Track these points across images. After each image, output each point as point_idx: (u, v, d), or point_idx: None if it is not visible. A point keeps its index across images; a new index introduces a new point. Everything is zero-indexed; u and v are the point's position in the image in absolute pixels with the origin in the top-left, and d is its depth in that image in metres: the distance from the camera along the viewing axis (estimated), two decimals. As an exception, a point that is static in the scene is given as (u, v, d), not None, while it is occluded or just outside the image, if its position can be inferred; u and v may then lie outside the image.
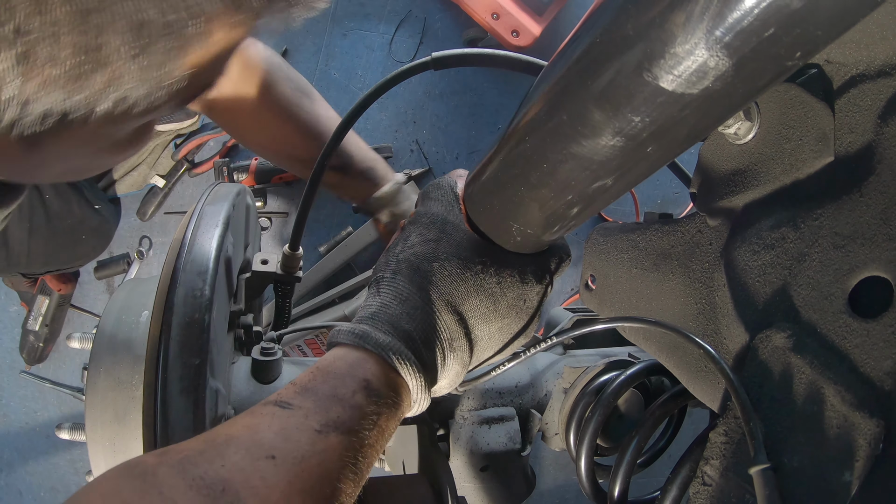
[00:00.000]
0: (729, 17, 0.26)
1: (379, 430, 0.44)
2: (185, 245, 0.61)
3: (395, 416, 0.47)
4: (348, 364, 0.46)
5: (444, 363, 0.50)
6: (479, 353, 0.53)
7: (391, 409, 0.46)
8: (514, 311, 0.52)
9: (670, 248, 0.57)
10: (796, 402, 0.40)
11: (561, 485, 1.65)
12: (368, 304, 0.51)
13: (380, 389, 0.45)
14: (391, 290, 0.50)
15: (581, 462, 0.65)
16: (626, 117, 0.33)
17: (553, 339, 0.59)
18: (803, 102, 0.44)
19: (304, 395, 0.43)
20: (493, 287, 0.51)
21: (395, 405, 0.46)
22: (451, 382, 0.52)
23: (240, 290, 0.80)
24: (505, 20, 1.43)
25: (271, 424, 0.41)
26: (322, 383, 0.44)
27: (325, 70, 1.56)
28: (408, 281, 0.50)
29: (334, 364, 0.46)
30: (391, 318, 0.48)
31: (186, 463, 0.37)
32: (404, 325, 0.48)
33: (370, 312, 0.49)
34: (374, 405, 0.44)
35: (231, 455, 0.38)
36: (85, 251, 1.40)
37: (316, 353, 1.43)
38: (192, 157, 1.54)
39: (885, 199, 0.38)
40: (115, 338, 0.69)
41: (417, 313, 0.49)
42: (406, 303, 0.49)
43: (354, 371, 0.45)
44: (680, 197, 1.65)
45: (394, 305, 0.49)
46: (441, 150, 1.58)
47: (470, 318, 0.51)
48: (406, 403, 0.48)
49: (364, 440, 0.43)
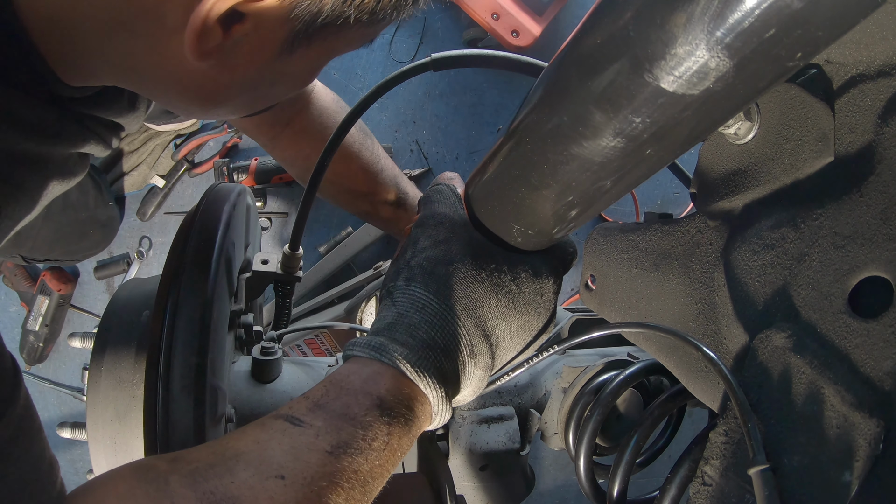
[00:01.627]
0: (730, 18, 0.26)
1: (390, 451, 0.44)
2: (186, 245, 0.61)
3: (410, 434, 0.45)
4: (362, 379, 0.45)
5: (465, 371, 0.48)
6: (501, 354, 0.52)
7: (405, 428, 0.45)
8: (532, 306, 0.51)
9: (670, 248, 0.57)
10: (796, 403, 0.40)
11: (561, 485, 1.65)
12: (384, 315, 0.49)
13: (394, 407, 0.44)
14: (407, 299, 0.48)
15: (580, 461, 0.65)
16: (627, 118, 0.33)
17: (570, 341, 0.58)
18: (803, 102, 0.44)
19: (315, 413, 0.43)
20: (509, 285, 0.50)
21: (409, 423, 0.45)
22: (476, 389, 0.51)
23: (240, 289, 0.80)
24: (505, 20, 1.43)
25: (281, 441, 0.41)
26: (334, 400, 0.44)
27: (325, 70, 1.55)
28: (424, 287, 0.48)
29: (348, 379, 0.45)
30: (410, 328, 0.47)
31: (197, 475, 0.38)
32: (424, 334, 0.47)
33: (387, 323, 0.48)
34: (387, 425, 0.43)
35: (240, 472, 0.38)
36: (88, 246, 1.41)
37: (316, 352, 1.43)
38: (192, 157, 1.54)
39: (885, 199, 0.38)
40: (117, 337, 0.69)
41: (437, 321, 0.47)
42: (424, 310, 0.48)
43: (368, 387, 0.44)
44: (680, 197, 1.65)
45: (412, 314, 0.48)
46: (441, 150, 1.58)
47: (490, 320, 0.49)
48: (424, 418, 0.47)
49: (375, 461, 0.42)
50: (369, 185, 1.03)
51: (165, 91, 0.53)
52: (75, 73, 0.51)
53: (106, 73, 0.52)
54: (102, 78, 0.53)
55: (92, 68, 0.51)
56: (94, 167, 1.43)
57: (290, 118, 0.96)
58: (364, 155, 1.01)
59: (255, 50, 0.48)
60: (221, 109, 0.59)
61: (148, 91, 0.56)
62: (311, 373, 0.78)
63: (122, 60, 0.49)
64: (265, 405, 0.71)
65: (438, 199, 0.54)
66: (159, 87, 0.53)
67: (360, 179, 1.03)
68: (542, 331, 0.53)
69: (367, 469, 0.42)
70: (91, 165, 1.42)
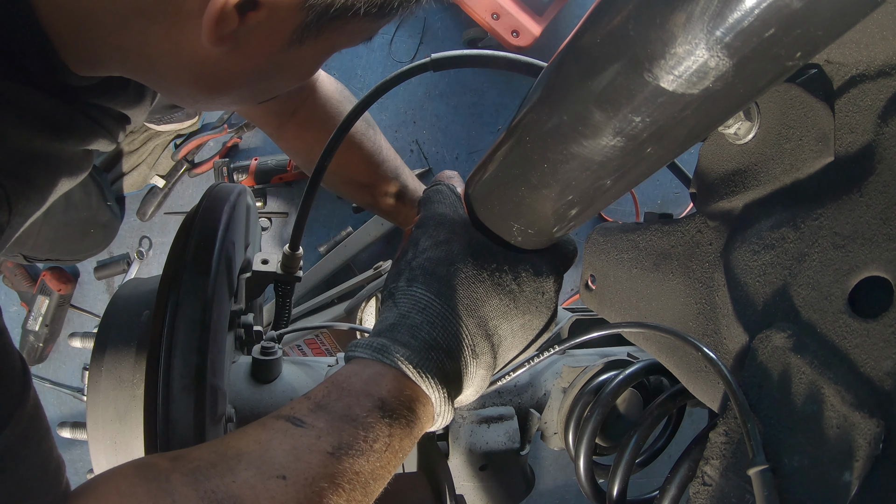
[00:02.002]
0: (729, 18, 0.26)
1: (392, 452, 0.44)
2: (186, 245, 0.61)
3: (412, 435, 0.45)
4: (363, 381, 0.45)
5: (468, 371, 0.48)
6: (503, 354, 0.52)
7: (406, 429, 0.45)
8: (533, 305, 0.51)
9: (670, 248, 0.57)
10: (796, 403, 0.40)
11: (561, 485, 1.65)
12: (385, 316, 0.49)
13: (395, 409, 0.44)
14: (409, 300, 0.48)
15: (580, 461, 0.65)
16: (627, 117, 0.33)
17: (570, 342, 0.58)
18: (803, 102, 0.44)
19: (317, 413, 0.43)
20: (510, 284, 0.50)
21: (411, 424, 0.45)
22: (478, 389, 0.51)
23: (240, 289, 0.80)
24: (505, 20, 1.43)
25: (283, 442, 0.41)
26: (336, 401, 0.44)
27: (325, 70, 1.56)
28: (426, 288, 0.48)
29: (350, 380, 0.45)
30: (412, 329, 0.47)
31: (198, 474, 0.38)
32: (426, 334, 0.46)
33: (389, 324, 0.48)
34: (388, 426, 0.43)
35: (242, 471, 0.38)
36: (89, 246, 1.41)
37: (316, 352, 1.43)
38: (191, 157, 1.54)
39: (885, 199, 0.38)
40: (117, 337, 0.69)
41: (439, 321, 0.47)
42: (426, 311, 0.48)
43: (370, 388, 0.44)
44: (680, 197, 1.65)
45: (413, 315, 0.47)
46: (441, 150, 1.58)
47: (492, 320, 0.49)
48: (426, 419, 0.47)
49: (376, 462, 0.42)
50: (370, 176, 1.03)
51: (176, 78, 0.54)
52: (84, 63, 0.52)
53: (116, 62, 0.53)
54: (111, 67, 0.54)
55: (103, 56, 0.52)
56: (95, 167, 1.43)
57: (295, 108, 0.97)
58: (366, 146, 1.01)
59: (267, 38, 0.50)
60: (227, 98, 0.60)
61: (157, 79, 0.57)
62: (311, 373, 0.78)
63: (136, 47, 0.50)
64: (265, 405, 0.71)
65: (438, 199, 0.54)
66: (170, 74, 0.54)
67: (362, 170, 1.03)
68: (544, 330, 0.53)
69: (368, 470, 0.42)
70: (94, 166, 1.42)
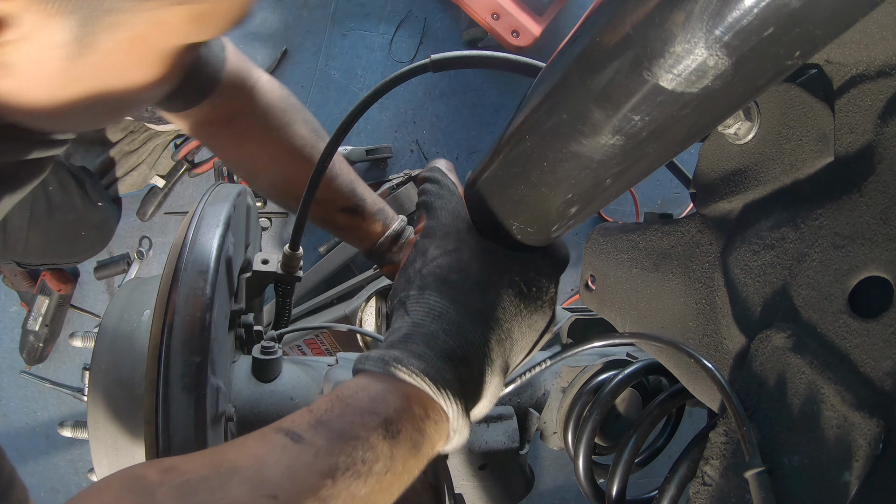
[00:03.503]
0: (728, 17, 0.26)
1: (394, 475, 0.42)
2: (187, 245, 0.61)
3: (419, 456, 0.43)
4: (370, 398, 0.43)
5: (484, 379, 0.47)
6: (514, 357, 0.51)
7: (413, 450, 0.43)
8: (538, 304, 0.51)
9: (670, 248, 0.57)
10: (796, 403, 0.40)
11: (560, 485, 1.65)
12: (398, 326, 0.47)
13: (401, 429, 0.42)
14: (422, 307, 0.47)
15: (579, 461, 0.65)
16: (626, 116, 0.33)
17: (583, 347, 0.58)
18: (803, 102, 0.44)
19: (317, 429, 0.41)
20: (519, 286, 0.49)
21: (418, 445, 0.43)
22: (492, 398, 0.49)
23: (241, 289, 0.80)
24: (505, 20, 1.43)
25: (280, 459, 0.39)
26: (338, 417, 0.42)
27: (325, 70, 1.56)
28: (439, 295, 0.47)
29: (355, 396, 0.43)
30: (427, 338, 0.45)
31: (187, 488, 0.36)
32: (442, 343, 0.45)
33: (402, 335, 0.46)
34: (391, 448, 0.41)
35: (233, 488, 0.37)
36: (84, 248, 1.40)
37: (316, 352, 1.43)
38: (191, 157, 1.54)
39: (885, 199, 0.38)
40: (117, 336, 0.69)
41: (454, 329, 0.46)
42: (441, 318, 0.46)
43: (375, 406, 0.42)
44: (680, 197, 1.65)
45: (428, 323, 0.46)
46: (441, 150, 1.58)
47: (505, 322, 0.48)
48: (438, 438, 0.45)
49: (375, 485, 0.41)
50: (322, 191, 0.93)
51: None
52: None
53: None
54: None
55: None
56: (84, 169, 1.43)
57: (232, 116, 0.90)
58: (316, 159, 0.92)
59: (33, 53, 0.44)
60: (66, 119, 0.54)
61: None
62: (311, 372, 0.78)
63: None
64: (265, 404, 0.71)
65: (441, 205, 0.54)
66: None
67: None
68: (545, 330, 0.53)
69: (364, 493, 0.40)
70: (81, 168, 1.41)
